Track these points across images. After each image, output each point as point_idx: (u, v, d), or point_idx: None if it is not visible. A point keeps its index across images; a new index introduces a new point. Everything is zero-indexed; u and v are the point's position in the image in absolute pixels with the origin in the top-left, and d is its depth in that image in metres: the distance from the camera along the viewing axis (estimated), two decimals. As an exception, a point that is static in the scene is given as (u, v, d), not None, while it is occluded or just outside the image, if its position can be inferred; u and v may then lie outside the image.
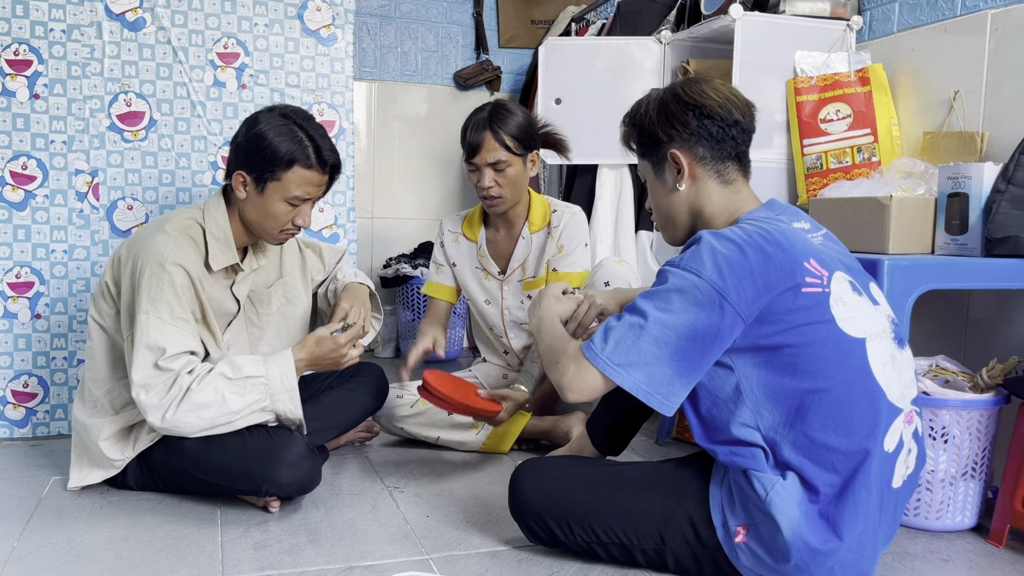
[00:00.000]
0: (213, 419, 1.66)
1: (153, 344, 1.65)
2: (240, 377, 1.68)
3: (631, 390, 1.26)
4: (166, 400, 1.64)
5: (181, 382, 1.65)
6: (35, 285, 2.26)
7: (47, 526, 1.65)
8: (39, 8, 2.23)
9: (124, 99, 2.31)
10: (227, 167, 1.83)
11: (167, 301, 1.68)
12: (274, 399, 1.70)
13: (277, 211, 1.77)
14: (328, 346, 1.79)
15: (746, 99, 1.43)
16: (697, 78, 1.45)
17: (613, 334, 1.28)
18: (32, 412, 2.27)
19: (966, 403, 1.65)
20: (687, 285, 1.25)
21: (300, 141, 1.73)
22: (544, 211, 2.31)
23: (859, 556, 1.27)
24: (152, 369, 1.65)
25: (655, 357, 1.25)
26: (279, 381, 1.71)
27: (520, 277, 2.32)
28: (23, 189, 2.24)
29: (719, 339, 1.24)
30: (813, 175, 2.35)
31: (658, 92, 1.46)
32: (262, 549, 1.55)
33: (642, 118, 1.45)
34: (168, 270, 1.70)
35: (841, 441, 1.24)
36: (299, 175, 1.74)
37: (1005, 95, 1.99)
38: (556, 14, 3.89)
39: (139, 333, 1.66)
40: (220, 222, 1.81)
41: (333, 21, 2.50)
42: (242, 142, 1.76)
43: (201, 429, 1.67)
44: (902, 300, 1.65)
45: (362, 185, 3.78)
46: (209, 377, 1.66)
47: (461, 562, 1.50)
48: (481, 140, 2.13)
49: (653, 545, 1.38)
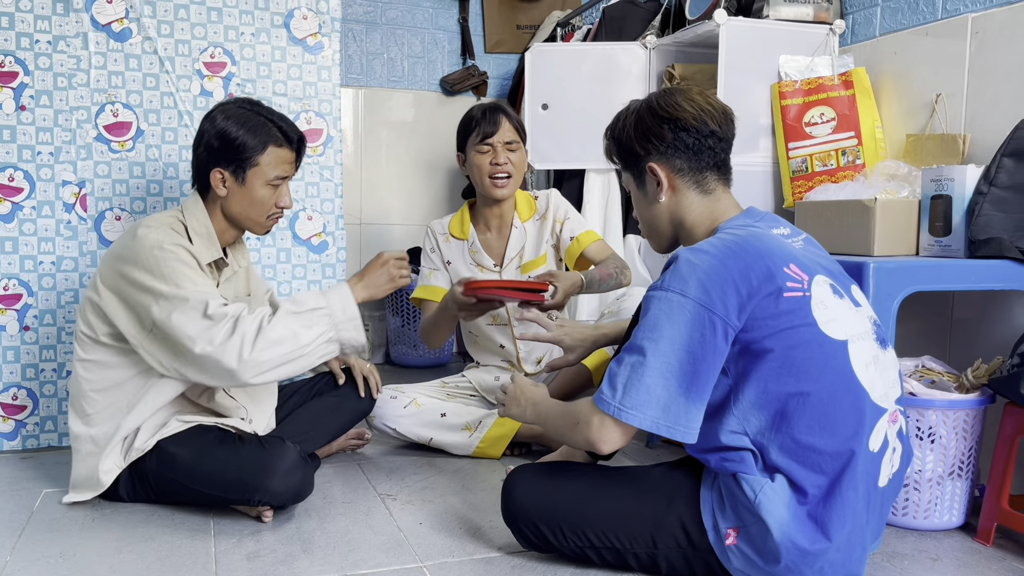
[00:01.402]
0: (287, 354, 1.66)
1: (195, 301, 1.66)
2: (306, 310, 1.69)
3: (652, 429, 1.27)
4: (235, 341, 1.63)
5: (246, 323, 1.65)
6: (23, 297, 2.25)
7: (40, 539, 1.64)
8: (24, 20, 2.22)
9: (111, 109, 2.31)
10: (195, 170, 1.86)
11: (183, 272, 1.70)
12: (338, 329, 1.71)
13: (262, 196, 1.82)
14: (377, 265, 1.81)
15: (723, 107, 1.44)
16: (673, 89, 1.46)
17: (619, 378, 1.29)
18: (22, 424, 2.26)
19: (952, 403, 1.68)
20: (674, 308, 1.26)
21: (264, 124, 1.80)
22: (528, 201, 2.43)
23: (848, 556, 1.28)
24: (204, 320, 1.65)
25: (664, 390, 1.26)
26: (341, 311, 1.71)
27: (518, 265, 2.38)
28: (10, 201, 2.23)
29: (717, 353, 1.26)
30: (798, 178, 2.38)
31: (636, 105, 1.48)
32: (256, 559, 1.55)
33: (620, 132, 1.48)
34: (168, 248, 1.71)
35: (827, 442, 1.25)
36: (274, 155, 1.81)
37: (986, 97, 2.02)
38: (542, 19, 3.91)
39: (170, 305, 1.66)
40: (201, 219, 1.83)
41: (319, 29, 2.50)
42: (210, 141, 1.79)
43: (276, 365, 1.66)
44: (887, 302, 1.67)
45: (350, 191, 3.78)
46: (278, 315, 1.68)
47: (455, 569, 1.51)
48: (499, 120, 2.26)
49: (645, 549, 1.40)
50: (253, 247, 2.46)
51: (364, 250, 3.86)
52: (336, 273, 2.55)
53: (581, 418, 1.36)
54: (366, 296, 1.78)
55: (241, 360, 1.63)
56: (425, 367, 3.50)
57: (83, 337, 1.82)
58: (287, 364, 1.67)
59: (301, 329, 1.67)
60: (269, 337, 1.64)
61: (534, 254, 2.38)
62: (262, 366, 1.65)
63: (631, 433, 1.33)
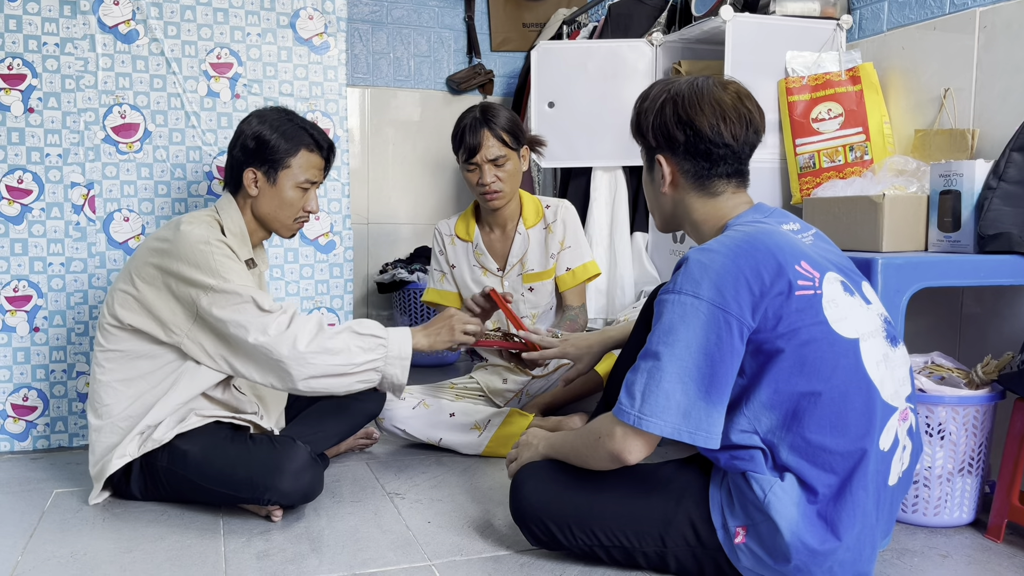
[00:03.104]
0: (338, 366, 1.70)
1: (246, 295, 1.71)
2: (368, 334, 1.74)
3: (674, 436, 1.25)
4: (290, 333, 1.68)
5: (303, 320, 1.71)
6: (33, 298, 2.26)
7: (51, 539, 1.65)
8: (32, 22, 2.23)
9: (118, 111, 2.32)
10: (230, 171, 1.92)
11: (230, 267, 1.75)
12: (388, 362, 1.75)
13: (291, 198, 1.90)
14: (443, 318, 1.86)
15: (750, 115, 1.39)
16: (705, 85, 1.39)
17: (636, 386, 1.28)
18: (32, 425, 2.27)
19: (962, 399, 1.67)
20: (688, 311, 1.25)
21: (298, 130, 1.90)
22: (536, 207, 2.39)
23: (858, 555, 1.28)
24: (259, 312, 1.70)
25: (683, 395, 1.24)
26: (397, 347, 1.76)
27: (519, 272, 2.36)
28: (19, 203, 2.24)
29: (735, 353, 1.25)
30: (806, 174, 2.37)
31: (667, 90, 1.42)
32: (265, 558, 1.55)
33: (644, 114, 1.44)
34: (214, 244, 1.77)
35: (837, 442, 1.25)
36: (306, 159, 1.89)
37: (995, 92, 2.01)
38: (547, 17, 3.91)
39: (222, 298, 1.71)
40: (236, 218, 1.91)
41: (325, 29, 2.50)
42: (245, 142, 1.87)
43: (324, 374, 1.70)
44: (896, 298, 1.66)
45: (357, 191, 3.79)
46: (340, 328, 1.74)
47: (464, 568, 1.51)
48: (480, 138, 2.21)
49: (654, 547, 1.39)
50: (261, 247, 2.46)
51: (371, 249, 3.87)
52: (343, 272, 2.55)
53: (603, 432, 1.34)
54: (425, 345, 1.82)
55: (295, 351, 1.67)
56: (434, 367, 3.50)
57: (109, 328, 1.82)
58: (333, 377, 1.71)
59: (357, 348, 1.72)
60: (326, 344, 1.69)
61: (540, 266, 2.36)
62: (311, 368, 1.69)
63: (655, 441, 1.30)
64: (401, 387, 1.79)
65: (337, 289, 2.55)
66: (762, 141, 1.45)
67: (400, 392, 1.81)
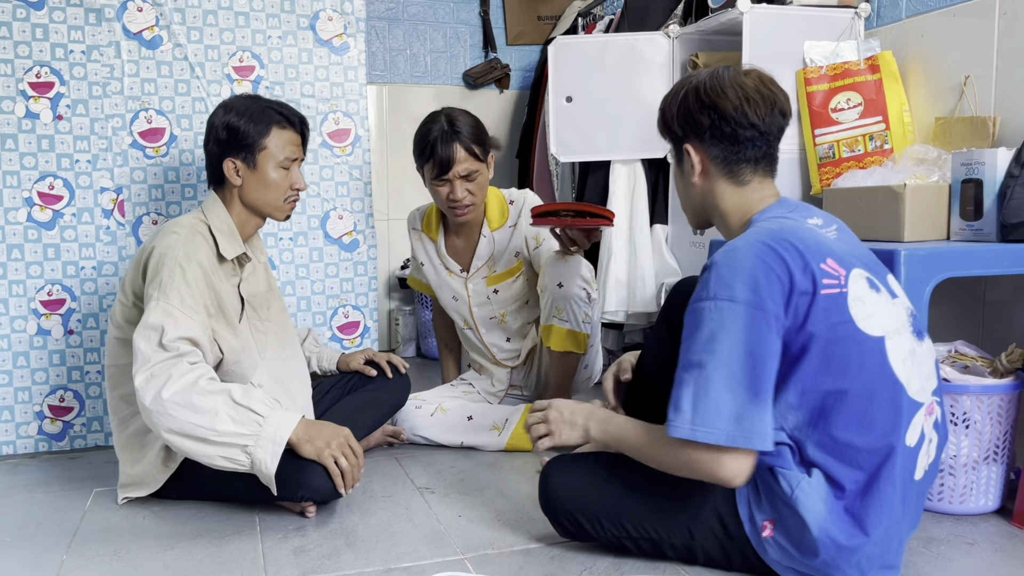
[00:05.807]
0: (197, 427, 1.60)
1: (155, 324, 1.66)
2: (245, 406, 1.64)
3: (730, 444, 1.23)
4: (160, 380, 1.61)
5: (184, 369, 1.63)
6: (66, 302, 2.31)
7: (93, 538, 1.70)
8: (58, 31, 2.27)
9: (145, 116, 2.36)
10: (210, 167, 1.93)
11: (177, 290, 1.71)
12: (258, 443, 1.62)
13: (275, 179, 1.89)
14: (336, 430, 1.73)
15: (774, 98, 1.39)
16: (726, 73, 1.41)
17: (684, 401, 1.26)
18: (69, 425, 2.33)
19: (986, 388, 1.68)
20: (725, 315, 1.25)
21: (264, 110, 1.89)
22: (500, 206, 2.32)
23: (885, 549, 1.29)
24: (155, 346, 1.65)
25: (734, 400, 1.23)
26: (272, 430, 1.64)
27: (484, 275, 2.35)
28: (51, 209, 2.29)
29: (776, 351, 1.25)
30: (826, 164, 2.37)
31: (688, 81, 1.44)
32: (302, 554, 1.59)
33: (667, 107, 1.46)
34: (181, 264, 1.74)
35: (864, 439, 1.25)
36: (280, 137, 1.88)
37: (1016, 78, 2.00)
38: (562, 10, 3.91)
39: (144, 316, 1.70)
40: (222, 216, 1.90)
41: (345, 30, 2.53)
42: (217, 135, 1.88)
43: (176, 430, 1.60)
44: (920, 289, 1.67)
45: (376, 188, 3.82)
46: (219, 387, 1.65)
47: (496, 561, 1.54)
48: (452, 154, 2.12)
49: (682, 539, 1.42)
50: (286, 247, 2.50)
51: (392, 245, 3.90)
52: (367, 271, 2.59)
53: (658, 454, 1.33)
54: (304, 439, 1.67)
55: (158, 398, 1.60)
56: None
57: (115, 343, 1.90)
58: (191, 438, 1.61)
59: (225, 415, 1.61)
60: (192, 399, 1.60)
61: (505, 265, 2.33)
62: (169, 420, 1.60)
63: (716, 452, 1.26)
64: (267, 477, 1.63)
65: (361, 287, 2.59)
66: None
67: (270, 483, 1.65)
